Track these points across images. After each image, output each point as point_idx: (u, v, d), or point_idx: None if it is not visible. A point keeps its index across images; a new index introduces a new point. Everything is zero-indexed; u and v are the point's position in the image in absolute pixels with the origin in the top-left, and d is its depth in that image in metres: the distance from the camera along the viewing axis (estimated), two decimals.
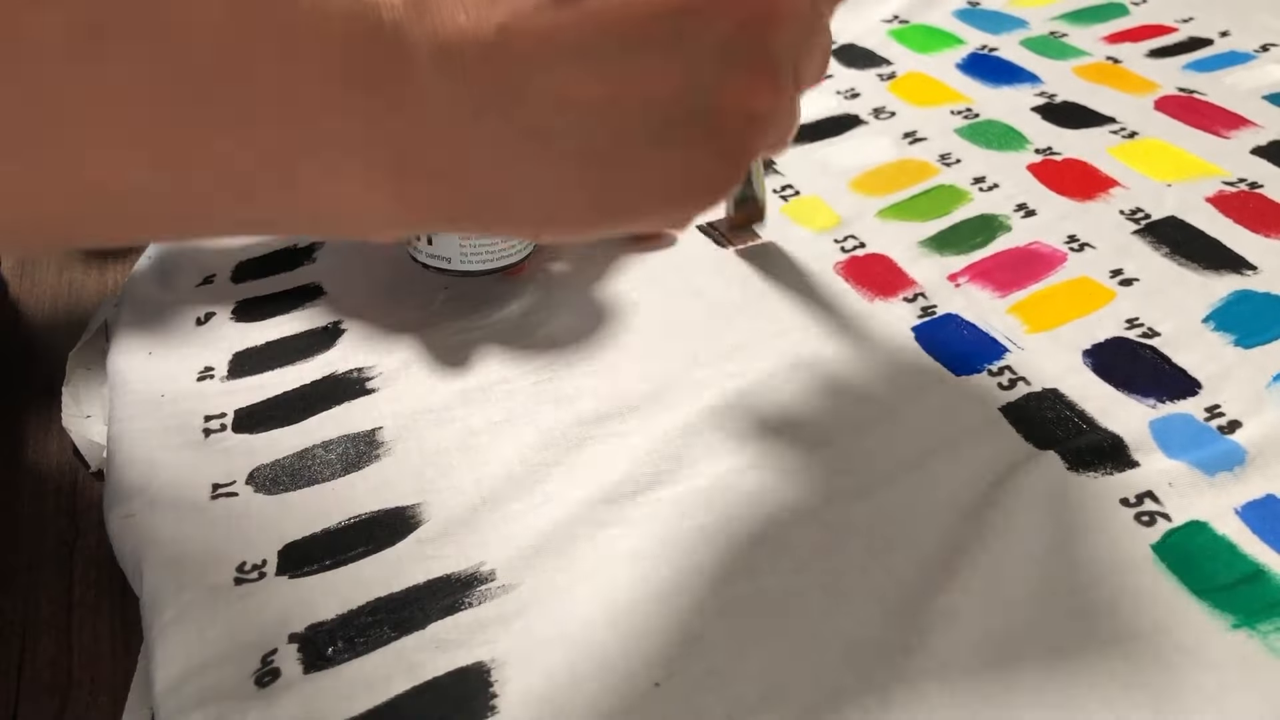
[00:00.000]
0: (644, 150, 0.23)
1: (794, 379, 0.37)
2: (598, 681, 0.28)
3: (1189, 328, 0.37)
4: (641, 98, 0.23)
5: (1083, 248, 0.42)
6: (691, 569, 0.30)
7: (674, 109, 0.23)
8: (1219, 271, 0.40)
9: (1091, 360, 0.37)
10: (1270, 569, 0.29)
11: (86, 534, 0.35)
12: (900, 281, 0.41)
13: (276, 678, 0.28)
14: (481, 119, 0.22)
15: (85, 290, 0.47)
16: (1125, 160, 0.47)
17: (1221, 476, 0.32)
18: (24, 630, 0.32)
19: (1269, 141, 0.47)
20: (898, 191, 0.47)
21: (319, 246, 0.46)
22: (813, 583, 0.30)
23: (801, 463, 0.34)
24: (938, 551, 0.30)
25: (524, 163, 0.23)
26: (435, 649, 0.29)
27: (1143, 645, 0.27)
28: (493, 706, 0.27)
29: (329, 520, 0.33)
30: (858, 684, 0.27)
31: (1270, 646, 0.27)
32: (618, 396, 0.37)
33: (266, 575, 0.31)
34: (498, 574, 0.31)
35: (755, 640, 0.28)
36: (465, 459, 0.35)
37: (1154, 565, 0.29)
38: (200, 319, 0.42)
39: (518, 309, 0.41)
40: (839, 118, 0.53)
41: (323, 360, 0.40)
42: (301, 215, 0.22)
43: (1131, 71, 0.54)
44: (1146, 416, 0.34)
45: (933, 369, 0.37)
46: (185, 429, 0.37)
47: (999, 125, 0.51)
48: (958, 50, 0.58)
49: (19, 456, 0.39)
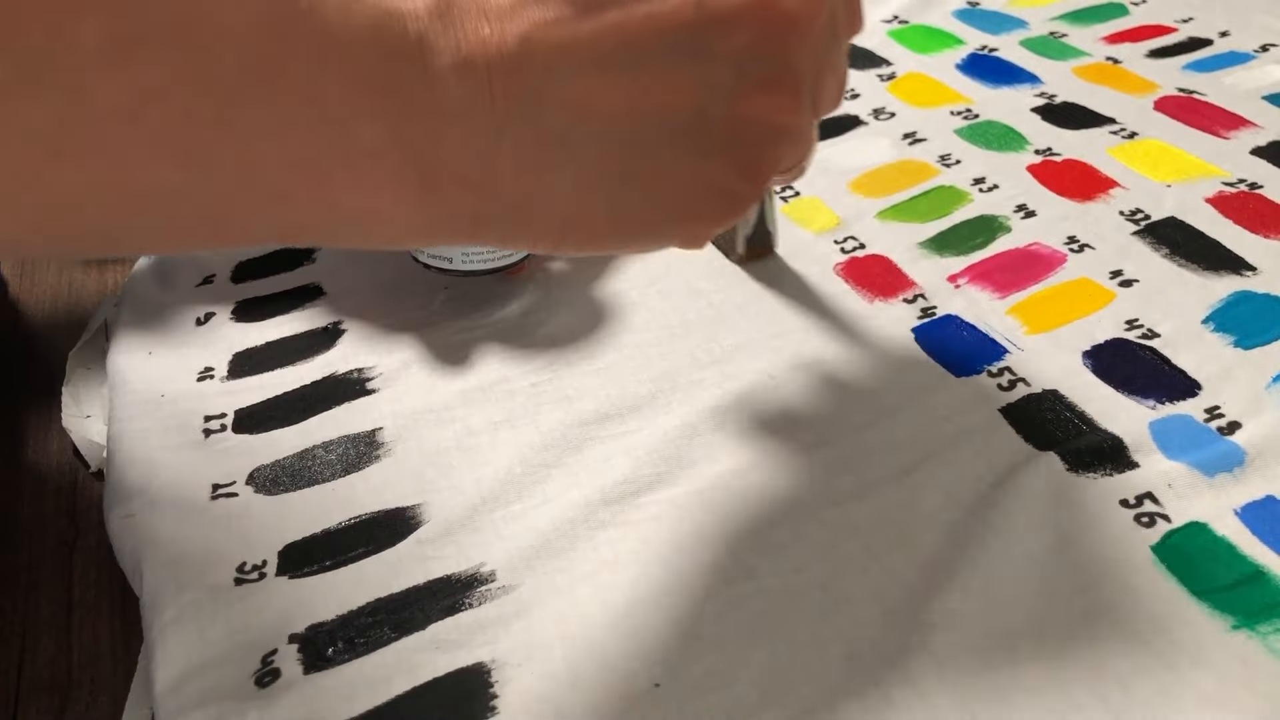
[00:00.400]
0: (663, 161, 0.24)
1: (794, 379, 0.37)
2: (598, 681, 0.28)
3: (1189, 329, 0.37)
4: (661, 108, 0.23)
5: (1082, 249, 0.42)
6: (691, 569, 0.30)
7: (693, 120, 0.23)
8: (1219, 272, 0.40)
9: (1091, 361, 0.37)
10: (1270, 570, 0.29)
11: (86, 534, 0.35)
12: (900, 282, 0.41)
13: (276, 678, 0.28)
14: (504, 128, 0.22)
15: (85, 290, 0.47)
16: (1125, 161, 0.47)
17: (1221, 478, 0.32)
18: (24, 630, 0.32)
19: (1269, 142, 0.47)
20: (897, 192, 0.47)
21: (319, 247, 0.46)
22: (813, 583, 0.30)
23: (801, 463, 0.34)
24: (938, 552, 0.30)
25: (545, 172, 0.23)
26: (435, 649, 0.29)
27: (1142, 646, 0.27)
28: (493, 707, 0.27)
29: (329, 521, 0.33)
30: (858, 684, 0.27)
31: (1270, 647, 0.27)
32: (618, 397, 0.37)
33: (266, 575, 0.31)
34: (498, 575, 0.31)
35: (755, 640, 0.28)
36: (465, 459, 0.35)
37: (1154, 566, 0.29)
38: (200, 319, 0.42)
39: (518, 308, 0.41)
40: (839, 118, 0.53)
41: (323, 360, 0.40)
42: (329, 222, 0.23)
43: (1131, 72, 0.54)
44: (1146, 417, 0.34)
45: (933, 370, 0.37)
46: (185, 429, 0.37)
47: (999, 126, 0.51)
48: (957, 51, 0.58)
49: (19, 456, 0.39)
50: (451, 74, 0.21)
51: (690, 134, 0.23)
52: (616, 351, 0.39)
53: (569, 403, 0.37)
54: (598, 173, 0.23)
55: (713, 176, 0.24)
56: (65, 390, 0.40)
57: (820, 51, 0.25)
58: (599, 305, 0.41)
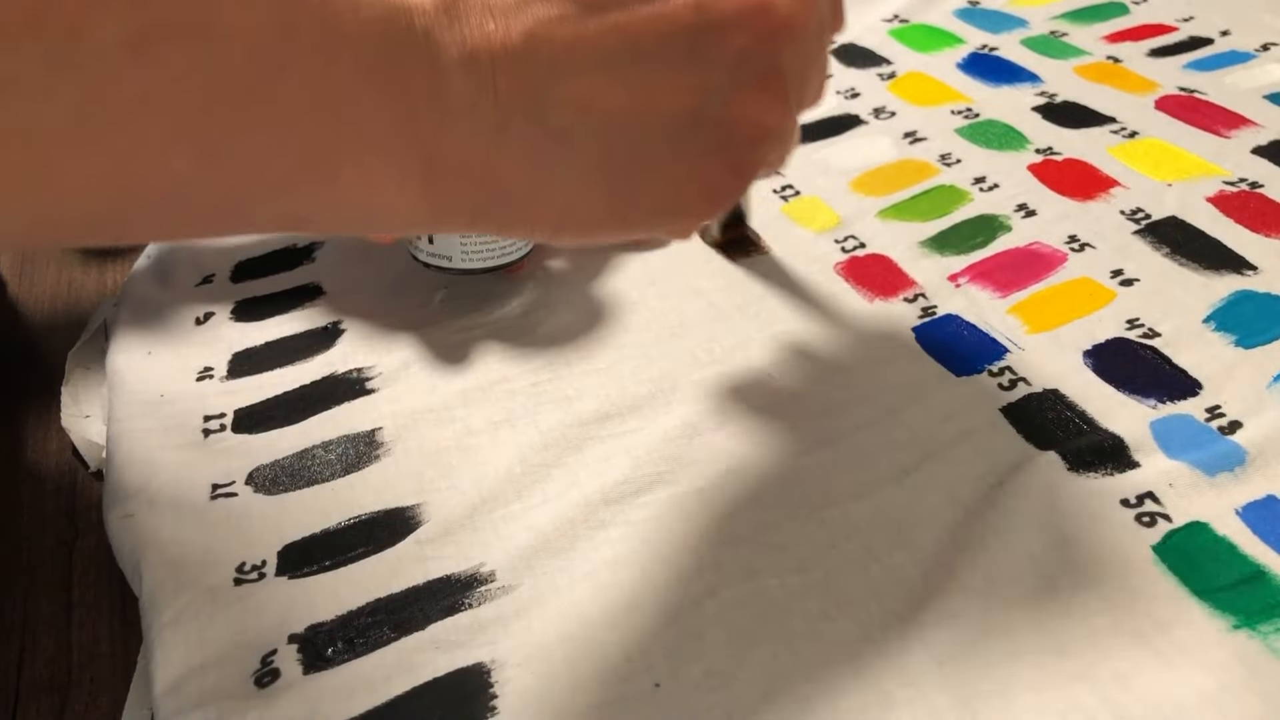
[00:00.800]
0: (660, 157, 0.24)
1: (794, 380, 0.37)
2: (598, 681, 0.28)
3: (1189, 328, 0.37)
4: (660, 108, 0.24)
5: (1083, 248, 0.42)
6: (691, 569, 0.30)
7: (690, 120, 0.24)
8: (1219, 271, 0.40)
9: (1092, 361, 0.37)
10: (1271, 570, 0.29)
11: (86, 534, 0.35)
12: (900, 282, 0.41)
13: (276, 678, 0.28)
14: (507, 123, 0.22)
15: (84, 290, 0.47)
16: (1126, 160, 0.47)
17: (1222, 477, 0.32)
18: (24, 630, 0.32)
19: (1269, 141, 0.47)
20: (898, 191, 0.47)
21: (318, 246, 0.46)
22: (813, 583, 0.30)
23: (801, 463, 0.34)
24: (938, 552, 0.30)
25: (547, 165, 0.23)
26: (435, 650, 0.29)
27: (1143, 645, 0.27)
28: (493, 707, 0.27)
29: (329, 521, 0.33)
30: (858, 684, 0.27)
31: (1271, 647, 0.27)
32: (618, 396, 0.37)
33: (266, 576, 0.31)
34: (497, 575, 0.31)
35: (755, 640, 0.28)
36: (465, 459, 0.35)
37: (1154, 566, 0.29)
38: (200, 319, 0.42)
39: (518, 307, 0.41)
40: (839, 118, 0.53)
41: (322, 360, 0.40)
42: (335, 212, 0.23)
43: (1132, 71, 0.54)
44: (1147, 417, 0.34)
45: (933, 369, 0.37)
46: (185, 429, 0.37)
47: (999, 125, 0.51)
48: (958, 50, 0.58)
49: (19, 456, 0.39)
50: (457, 68, 0.22)
51: (686, 133, 0.24)
52: (616, 351, 0.39)
53: (569, 402, 0.37)
54: (597, 168, 0.24)
55: (705, 173, 0.25)
56: (64, 390, 0.40)
57: (808, 52, 0.26)
58: (599, 305, 0.41)
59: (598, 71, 0.23)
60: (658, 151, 0.24)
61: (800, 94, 0.26)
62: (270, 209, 0.22)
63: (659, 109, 0.24)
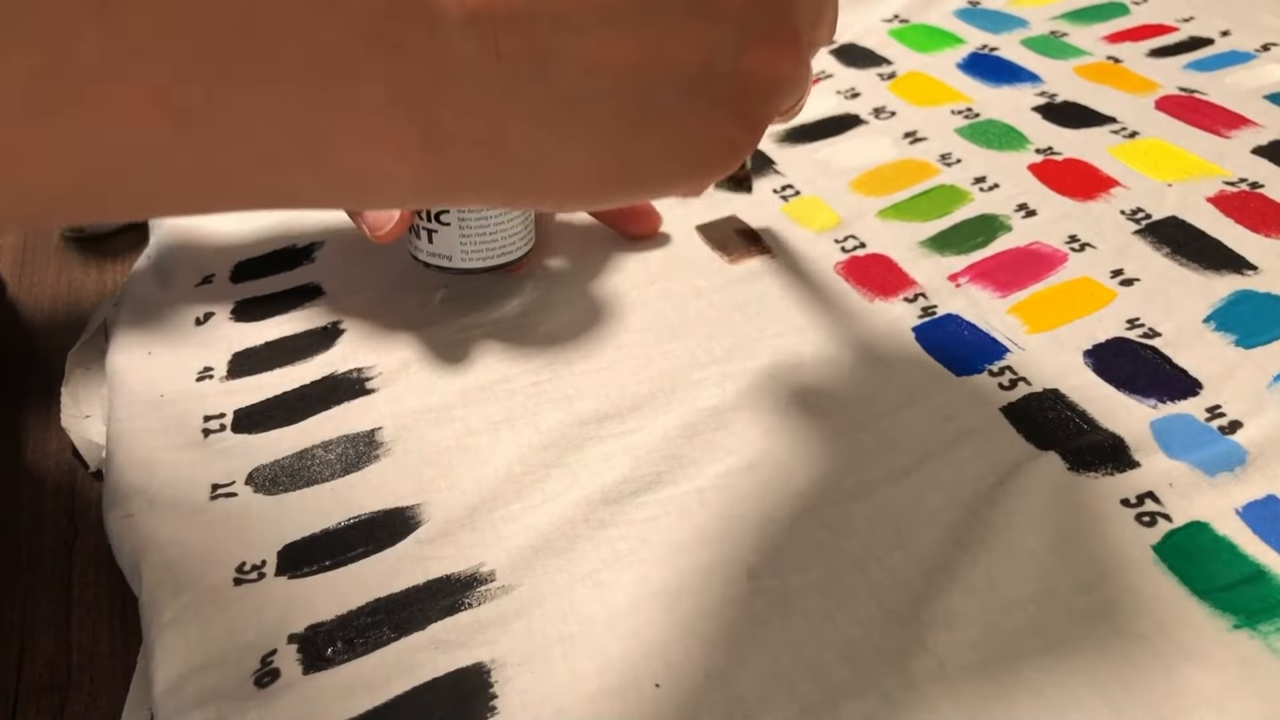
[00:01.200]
0: (672, 114, 0.23)
1: (794, 379, 0.37)
2: (598, 681, 0.28)
3: (1190, 328, 0.37)
4: (668, 62, 0.23)
5: (1083, 248, 0.42)
6: (691, 569, 0.30)
7: (701, 73, 0.23)
8: (1220, 272, 0.40)
9: (1092, 360, 0.37)
10: (1271, 569, 0.29)
11: (86, 534, 0.35)
12: (901, 282, 0.41)
13: (276, 678, 0.28)
14: (512, 85, 0.21)
15: (84, 290, 0.47)
16: (1126, 160, 0.47)
17: (1222, 477, 0.32)
18: (24, 630, 0.32)
19: (1270, 141, 0.47)
20: (898, 191, 0.47)
21: (318, 246, 0.46)
22: (813, 583, 0.30)
23: (801, 463, 0.34)
24: (938, 552, 0.30)
25: (555, 128, 0.22)
26: (435, 649, 0.29)
27: (1143, 646, 0.27)
28: (493, 707, 0.27)
29: (328, 521, 0.33)
30: (858, 684, 0.27)
31: (1271, 647, 0.27)
32: (618, 396, 0.37)
33: (266, 576, 0.31)
34: (497, 575, 0.31)
35: (755, 640, 0.28)
36: (465, 459, 0.35)
37: (1155, 566, 0.29)
38: (199, 319, 0.42)
39: (518, 307, 0.41)
40: (839, 117, 0.53)
41: (322, 360, 0.40)
42: (326, 184, 0.22)
43: (1132, 71, 0.54)
44: (1147, 417, 0.34)
45: (933, 369, 0.37)
46: (184, 429, 0.37)
47: (999, 125, 0.51)
48: (958, 50, 0.58)
49: (18, 456, 0.39)
50: (457, 29, 0.20)
51: (698, 87, 0.23)
52: (616, 351, 0.39)
53: (569, 402, 0.37)
54: (607, 129, 0.23)
55: (719, 128, 0.24)
56: (64, 390, 0.40)
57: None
58: (599, 304, 0.41)
59: (604, 28, 0.22)
60: (669, 108, 0.23)
61: (813, 37, 0.26)
62: (256, 180, 0.21)
63: (669, 63, 0.23)
